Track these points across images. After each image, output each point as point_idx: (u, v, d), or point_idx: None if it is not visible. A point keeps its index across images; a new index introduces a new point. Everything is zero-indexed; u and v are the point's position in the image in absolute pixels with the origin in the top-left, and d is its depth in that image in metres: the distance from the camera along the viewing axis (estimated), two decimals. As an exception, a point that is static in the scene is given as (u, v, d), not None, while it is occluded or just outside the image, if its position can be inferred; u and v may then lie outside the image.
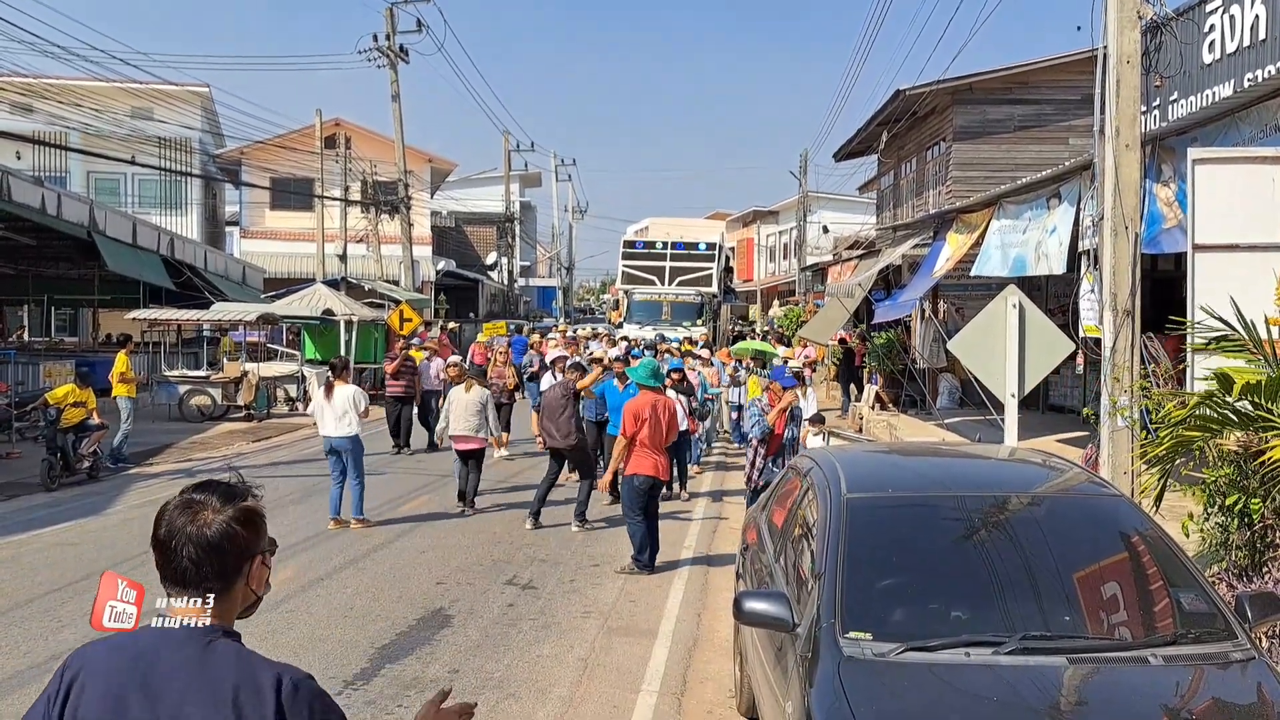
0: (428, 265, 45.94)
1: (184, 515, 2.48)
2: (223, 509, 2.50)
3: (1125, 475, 8.91)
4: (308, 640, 8.73)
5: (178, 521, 2.48)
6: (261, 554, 2.60)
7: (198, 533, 2.46)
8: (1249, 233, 8.91)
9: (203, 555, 2.46)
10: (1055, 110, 24.96)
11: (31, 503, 14.70)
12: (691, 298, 36.95)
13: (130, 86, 34.85)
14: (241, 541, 2.51)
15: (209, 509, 2.49)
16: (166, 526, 2.48)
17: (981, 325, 10.30)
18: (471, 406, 13.71)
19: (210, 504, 2.50)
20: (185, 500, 2.52)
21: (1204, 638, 4.82)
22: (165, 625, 2.47)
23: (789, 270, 56.45)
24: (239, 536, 2.50)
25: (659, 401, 11.50)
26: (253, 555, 2.56)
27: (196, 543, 2.45)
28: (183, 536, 2.46)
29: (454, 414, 13.76)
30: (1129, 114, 9.15)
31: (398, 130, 36.21)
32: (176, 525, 2.47)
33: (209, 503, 2.51)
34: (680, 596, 10.34)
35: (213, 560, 2.47)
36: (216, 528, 2.47)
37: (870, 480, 6.21)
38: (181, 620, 2.46)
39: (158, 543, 2.50)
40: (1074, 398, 20.42)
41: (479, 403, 13.75)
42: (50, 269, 31.43)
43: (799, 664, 4.84)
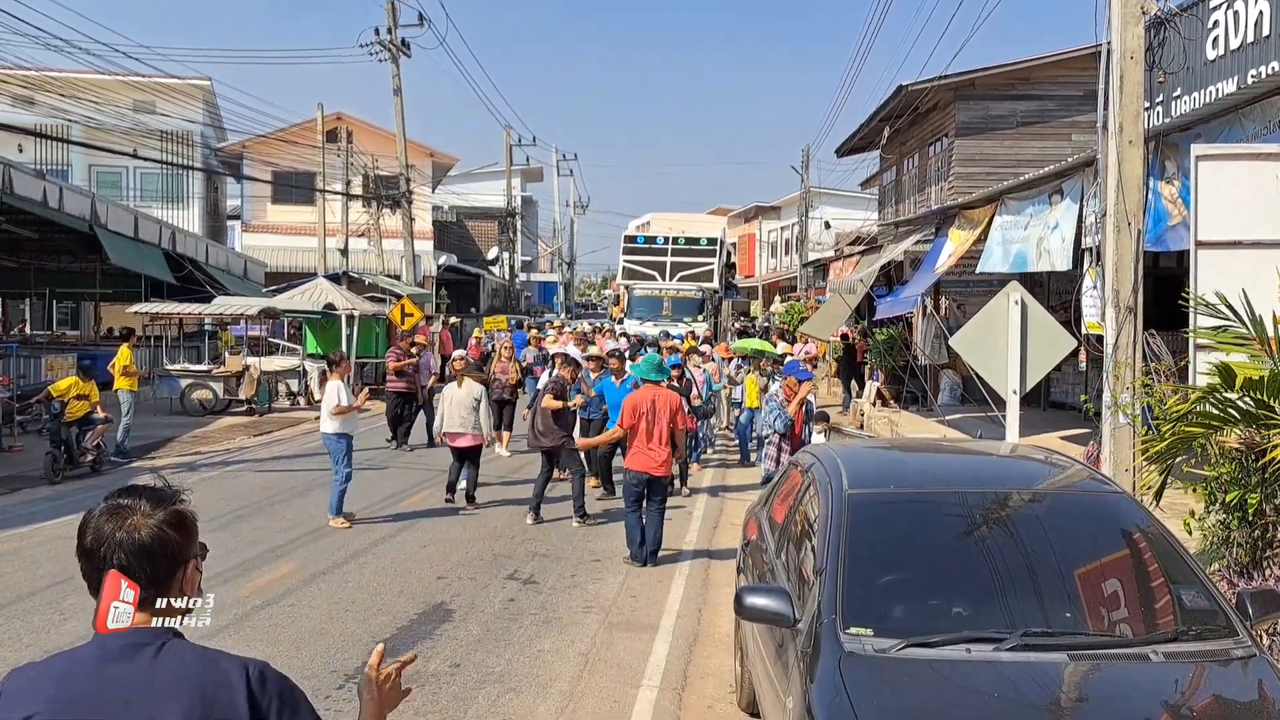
0: (429, 260, 45.95)
1: (112, 521, 2.36)
2: (153, 513, 2.39)
3: (1127, 472, 8.91)
4: (309, 634, 8.73)
5: (105, 528, 2.36)
6: (194, 559, 2.47)
7: (128, 538, 2.34)
8: (1252, 229, 8.89)
9: (134, 561, 2.34)
10: (1058, 106, 24.94)
11: (34, 495, 14.71)
12: (693, 293, 36.70)
13: (132, 80, 34.87)
14: (174, 546, 2.40)
15: (138, 513, 2.38)
16: (94, 534, 2.36)
17: (984, 322, 10.30)
18: (466, 403, 13.62)
19: (139, 508, 2.39)
20: (112, 506, 2.39)
21: (1205, 635, 4.82)
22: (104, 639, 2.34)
23: (790, 266, 56.47)
24: (171, 541, 2.39)
25: (659, 396, 11.46)
26: (186, 560, 2.44)
27: (127, 549, 2.34)
28: (112, 543, 2.34)
29: (448, 410, 13.73)
30: (1132, 110, 9.14)
31: (399, 124, 36.17)
32: (104, 532, 2.35)
33: (137, 507, 2.39)
34: (681, 592, 10.34)
35: (145, 566, 2.35)
36: (148, 532, 2.36)
37: (872, 476, 6.21)
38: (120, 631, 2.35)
39: (84, 552, 2.37)
40: (1075, 395, 20.40)
41: (474, 399, 13.64)
42: (52, 262, 31.47)
43: (800, 659, 4.83)
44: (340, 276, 33.81)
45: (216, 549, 11.43)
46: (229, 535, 12.19)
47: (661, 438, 11.26)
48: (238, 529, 12.59)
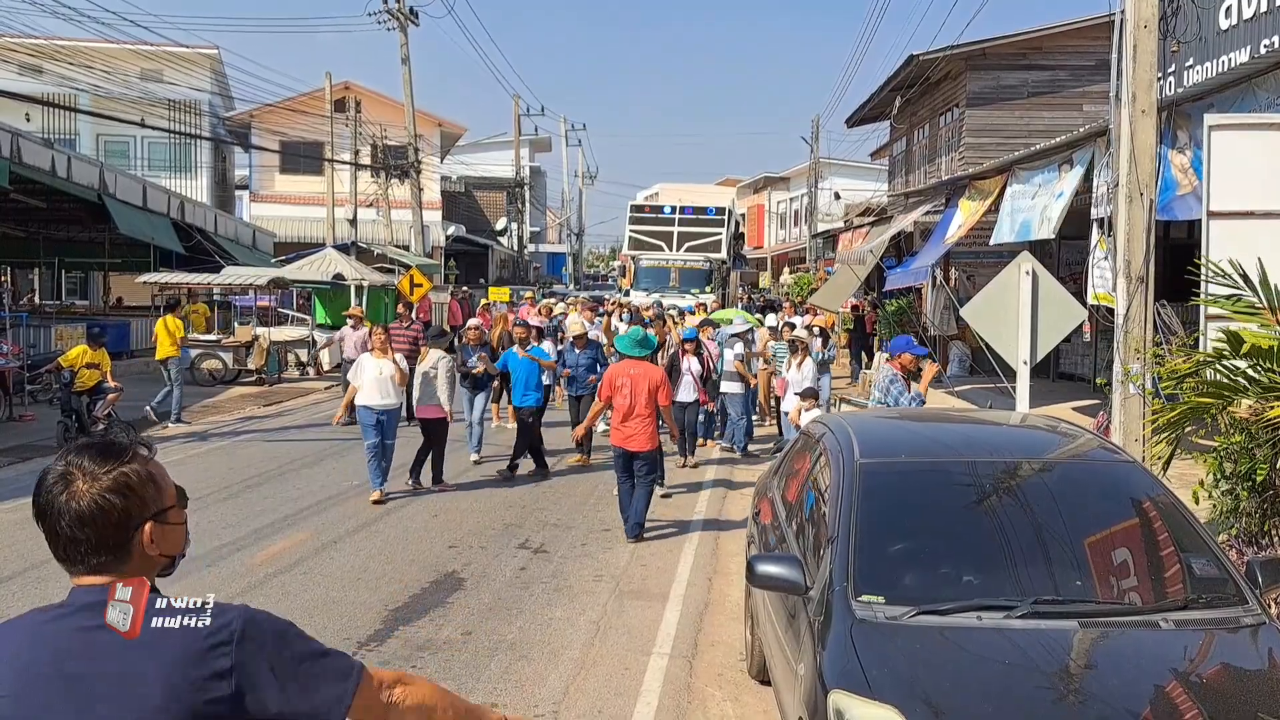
0: (437, 230, 45.88)
1: (59, 485, 2.26)
2: (96, 477, 2.26)
3: (1137, 442, 8.91)
4: (322, 602, 8.80)
5: (51, 492, 2.26)
6: (150, 520, 2.30)
7: (69, 506, 2.24)
8: (1265, 199, 8.87)
9: (77, 530, 2.24)
10: (1069, 76, 24.80)
11: (46, 464, 14.74)
12: (700, 264, 36.32)
13: (140, 48, 34.79)
14: (117, 514, 2.25)
15: (82, 478, 2.26)
16: (45, 497, 2.27)
17: (994, 292, 10.28)
18: (426, 374, 13.25)
19: (85, 471, 2.26)
20: (60, 471, 2.28)
21: (1215, 603, 4.85)
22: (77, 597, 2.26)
23: (800, 237, 56.34)
24: (114, 508, 2.25)
25: (639, 370, 11.19)
26: (138, 523, 2.28)
27: (69, 517, 2.24)
28: (54, 511, 2.25)
29: (417, 383, 13.47)
30: (1145, 79, 9.09)
31: (407, 94, 36.04)
32: (51, 496, 2.26)
33: (84, 469, 2.27)
34: (691, 561, 10.39)
35: (89, 534, 2.25)
36: (86, 501, 2.24)
37: (883, 446, 6.22)
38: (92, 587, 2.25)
39: (37, 515, 2.29)
40: (1084, 366, 20.41)
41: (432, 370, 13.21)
42: (60, 232, 31.49)
43: (811, 627, 4.87)
44: (349, 246, 33.79)
45: (228, 518, 11.61)
46: (240, 504, 12.26)
47: (639, 413, 11.01)
48: (249, 498, 12.66)
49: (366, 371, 12.65)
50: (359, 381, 12.71)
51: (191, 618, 2.20)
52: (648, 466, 11.17)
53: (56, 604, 2.29)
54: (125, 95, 35.01)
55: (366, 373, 12.64)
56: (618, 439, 11.16)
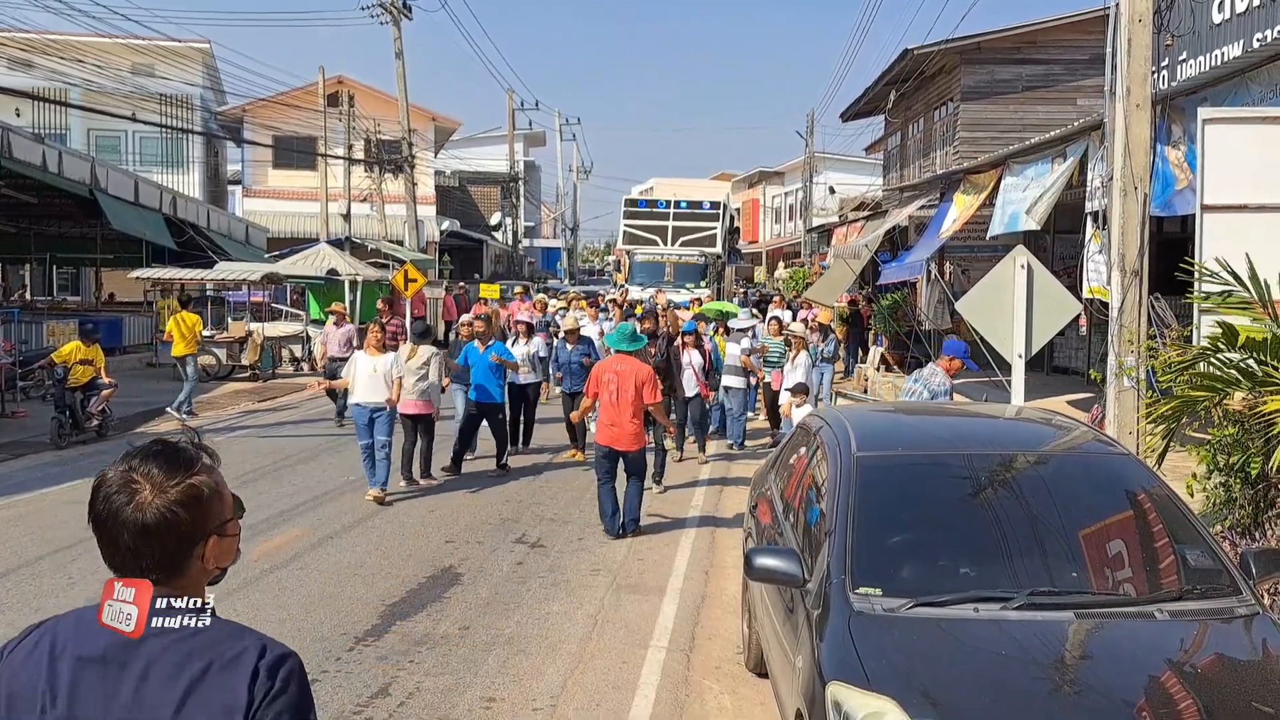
0: (432, 225, 45.84)
1: (122, 494, 2.15)
2: (164, 489, 2.16)
3: (1131, 435, 8.94)
4: (319, 597, 8.80)
5: (115, 501, 2.15)
6: (213, 534, 2.23)
7: (132, 517, 2.13)
8: (1259, 193, 8.89)
9: (140, 543, 2.14)
10: (1064, 70, 24.86)
11: (40, 461, 14.78)
12: (695, 258, 36.17)
13: (131, 43, 34.70)
14: (185, 527, 2.17)
15: (147, 487, 2.15)
16: (104, 505, 2.17)
17: (990, 286, 10.30)
18: (415, 371, 12.86)
19: (152, 480, 2.17)
20: (123, 474, 2.18)
21: (1209, 594, 4.88)
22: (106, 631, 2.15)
23: (795, 232, 56.37)
24: (182, 522, 2.16)
25: (626, 366, 11.00)
26: (201, 538, 2.21)
27: (132, 529, 2.13)
28: (118, 521, 2.15)
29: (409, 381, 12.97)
30: (1140, 73, 9.10)
31: (401, 88, 36.00)
32: (114, 506, 2.15)
33: (151, 478, 2.17)
34: (688, 555, 10.41)
35: (152, 548, 2.15)
36: (153, 513, 2.14)
37: (880, 438, 6.24)
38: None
39: (94, 523, 2.19)
40: (1078, 359, 20.45)
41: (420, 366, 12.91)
42: (52, 227, 31.43)
43: (809, 619, 4.89)
44: (343, 242, 33.76)
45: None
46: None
47: (626, 410, 10.84)
48: (244, 494, 12.34)
49: (360, 369, 12.38)
50: (352, 378, 12.49)
51: (192, 618, 2.15)
52: (635, 466, 11.06)
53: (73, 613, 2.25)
54: (117, 90, 34.94)
55: (360, 370, 12.37)
56: (604, 437, 11.00)
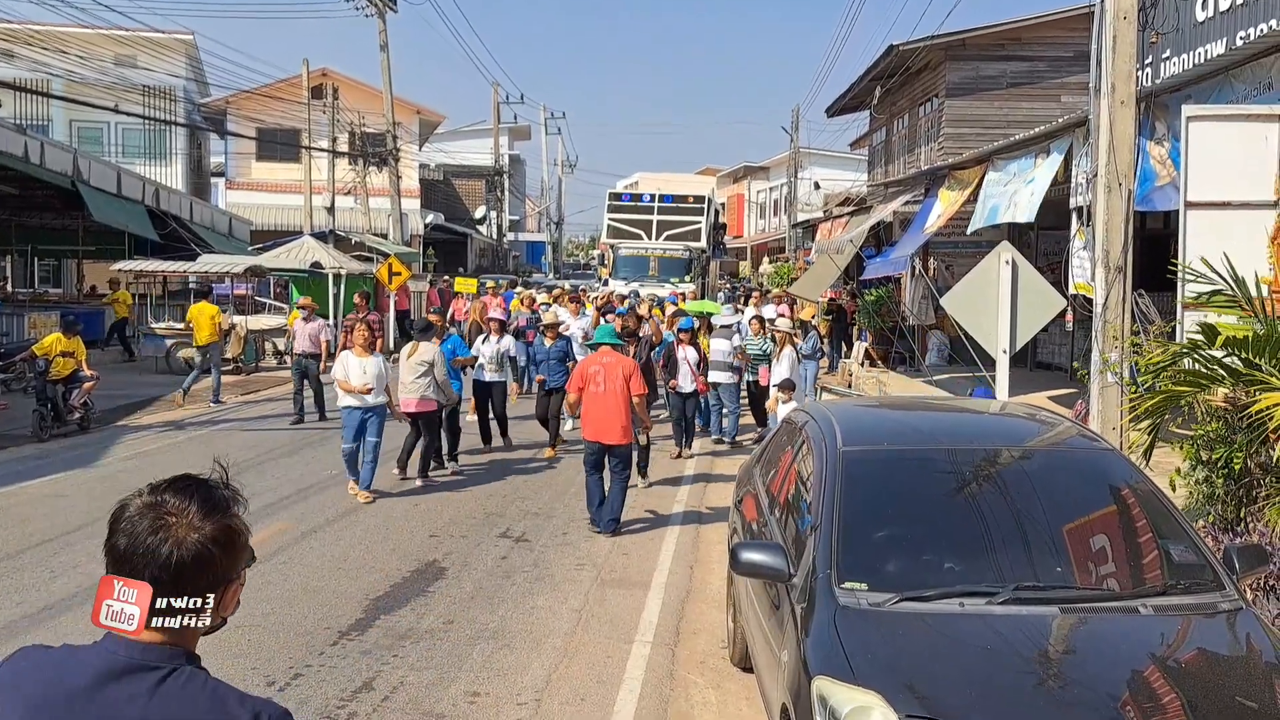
0: (416, 218, 45.72)
1: (152, 525, 2.01)
2: (200, 525, 2.03)
3: (1114, 430, 8.98)
4: (302, 591, 8.78)
5: (142, 534, 2.01)
6: (237, 579, 2.12)
7: (167, 554, 1.99)
8: (1241, 190, 8.93)
9: (168, 579, 1.99)
10: (1048, 67, 24.93)
11: (21, 454, 14.68)
12: (680, 253, 35.90)
13: (114, 33, 34.46)
14: (218, 568, 2.05)
15: (182, 523, 2.02)
16: (128, 537, 2.01)
17: (975, 281, 10.32)
18: (413, 368, 12.63)
19: (185, 515, 2.04)
20: (154, 504, 2.04)
21: (1193, 589, 4.90)
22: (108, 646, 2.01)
23: (779, 227, 56.40)
24: (216, 562, 2.04)
25: (611, 361, 11.01)
26: (228, 580, 2.09)
27: (164, 566, 1.99)
28: (146, 554, 1.99)
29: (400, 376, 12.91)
30: (1125, 70, 9.13)
31: (386, 81, 35.87)
32: (140, 536, 2.01)
33: (184, 514, 2.04)
34: (672, 550, 10.41)
35: (182, 588, 2.00)
36: (188, 550, 2.01)
37: (865, 434, 6.25)
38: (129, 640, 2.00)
39: (115, 553, 2.02)
40: (1062, 355, 20.54)
41: (422, 363, 12.63)
42: (33, 219, 31.19)
43: (794, 614, 4.90)
44: (327, 235, 33.63)
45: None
46: (219, 493, 12.19)
47: (614, 401, 10.83)
48: (228, 486, 12.57)
49: (350, 370, 12.00)
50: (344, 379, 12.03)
51: (191, 618, 2.02)
52: (622, 462, 11.01)
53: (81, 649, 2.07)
54: (99, 81, 34.70)
55: (350, 371, 11.98)
56: (590, 432, 10.95)
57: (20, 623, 7.84)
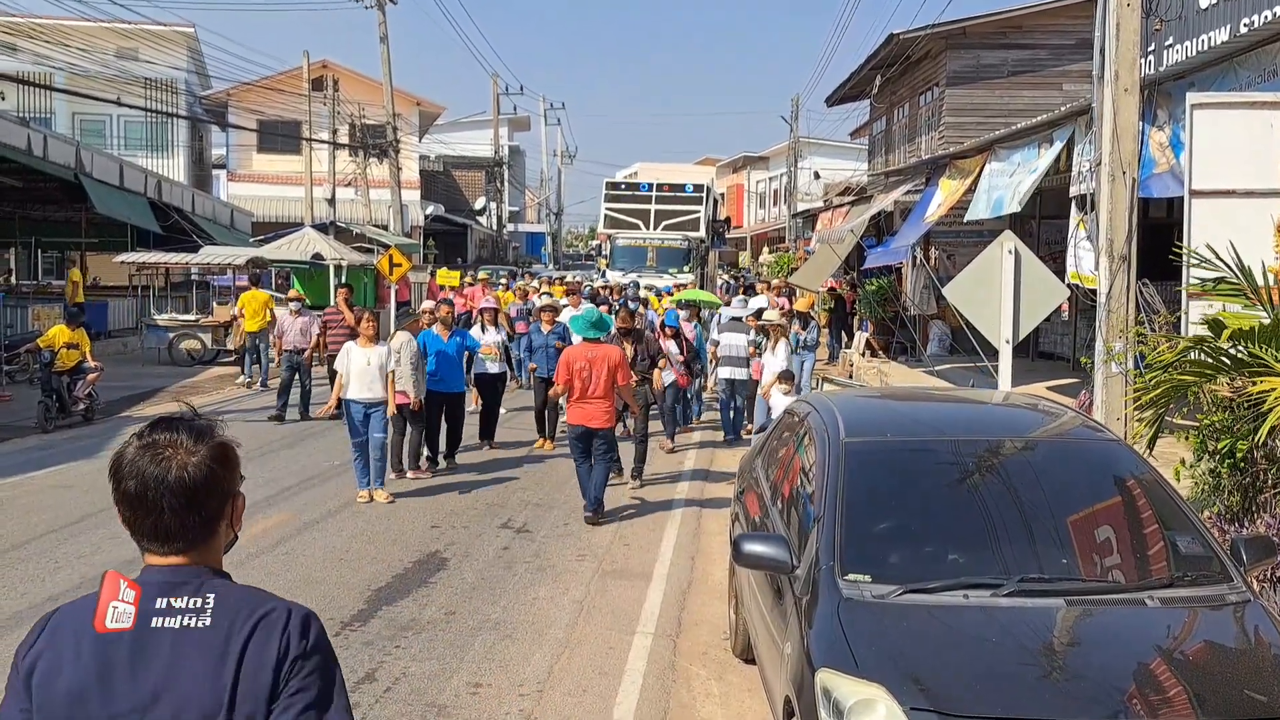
0: (416, 210, 45.70)
1: (154, 462, 2.19)
2: (196, 449, 2.22)
3: (1119, 421, 8.95)
4: (304, 582, 8.76)
5: (149, 470, 2.19)
6: (239, 491, 2.35)
7: (177, 479, 2.18)
8: (1246, 178, 8.88)
9: (185, 504, 2.19)
10: (1050, 55, 24.82)
11: (25, 445, 14.68)
12: (678, 243, 35.31)
13: (116, 26, 34.44)
14: (225, 483, 2.27)
15: (180, 451, 2.21)
16: (136, 478, 2.19)
17: (977, 271, 10.29)
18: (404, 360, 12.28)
19: (182, 444, 2.22)
20: (149, 444, 2.22)
21: (1200, 580, 4.87)
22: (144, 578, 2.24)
23: (779, 217, 56.32)
24: (220, 479, 2.25)
25: (598, 352, 11.04)
26: (233, 494, 2.31)
27: (177, 490, 2.18)
28: (160, 486, 2.18)
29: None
30: (1129, 58, 9.08)
31: (386, 73, 35.81)
32: (148, 474, 2.18)
33: (180, 443, 2.22)
34: (674, 541, 10.39)
35: (198, 509, 2.21)
36: (197, 469, 2.20)
37: (868, 425, 6.22)
38: (159, 568, 2.24)
39: (128, 497, 2.21)
40: (1064, 345, 20.50)
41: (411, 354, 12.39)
42: (37, 211, 31.18)
43: (798, 606, 4.87)
44: (328, 226, 33.63)
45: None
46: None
47: (599, 392, 10.89)
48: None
49: (354, 362, 11.57)
50: (345, 372, 11.65)
51: (191, 618, 2.18)
52: (606, 444, 11.06)
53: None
54: (101, 74, 34.67)
55: (354, 363, 11.56)
56: (576, 417, 11.03)
57: (26, 613, 7.83)
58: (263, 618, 2.22)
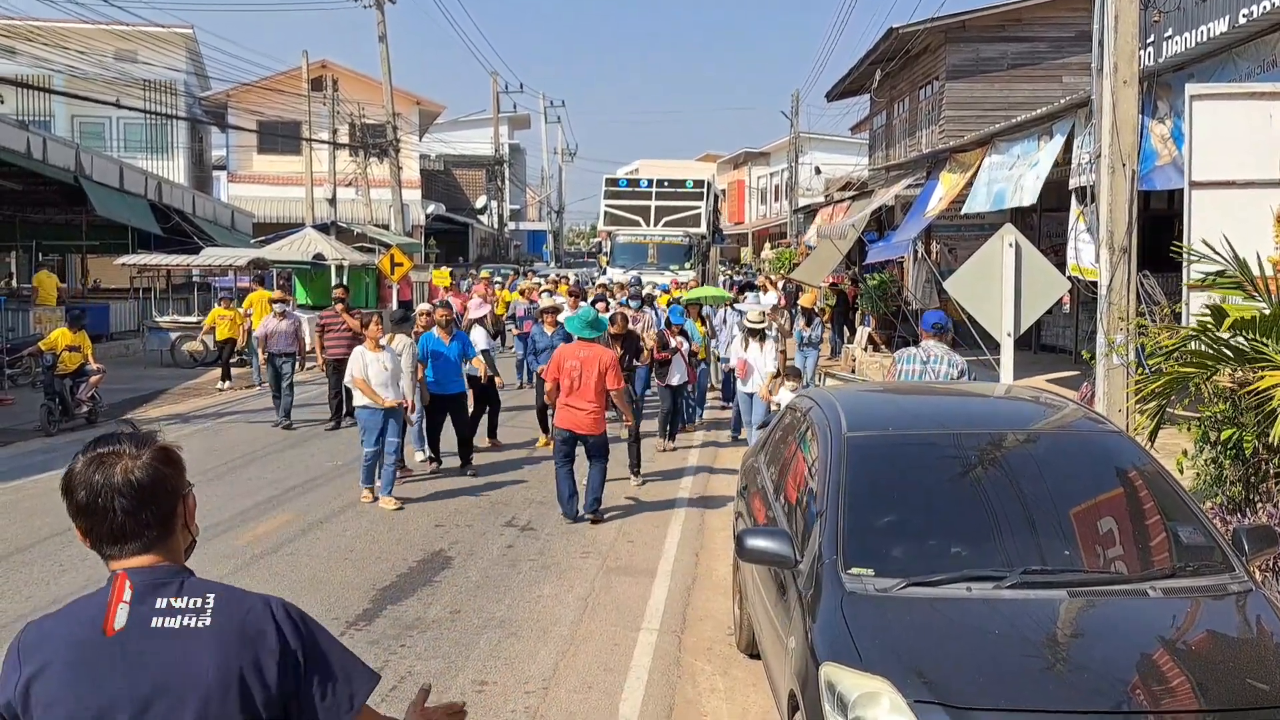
0: (417, 209, 45.71)
1: (101, 470, 2.30)
2: (138, 453, 2.33)
3: (1120, 413, 8.95)
4: (309, 582, 8.78)
5: (96, 479, 2.29)
6: (189, 491, 2.46)
7: (124, 481, 2.29)
8: (1246, 169, 8.89)
9: (136, 504, 2.30)
10: (1049, 48, 24.84)
11: (28, 448, 14.70)
12: (679, 239, 35.11)
13: (114, 28, 34.45)
14: (171, 482, 2.37)
15: (125, 457, 2.32)
16: (86, 489, 2.30)
17: (978, 264, 10.28)
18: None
19: (125, 452, 2.33)
20: (94, 457, 2.32)
21: (1202, 571, 4.88)
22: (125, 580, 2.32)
23: (780, 212, 56.32)
24: (168, 478, 2.36)
25: (590, 352, 10.78)
26: (182, 494, 2.42)
27: (125, 492, 2.29)
28: (108, 491, 2.29)
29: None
30: (1128, 50, 9.08)
31: (385, 72, 35.80)
32: (96, 483, 2.29)
33: (123, 451, 2.33)
34: (678, 537, 10.41)
35: (147, 507, 2.32)
36: (142, 472, 2.31)
37: (870, 419, 6.23)
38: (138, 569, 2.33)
39: (79, 508, 2.31)
40: (1066, 338, 20.50)
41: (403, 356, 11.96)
42: (37, 214, 31.20)
43: (801, 600, 4.89)
44: (329, 226, 33.64)
45: (213, 499, 11.53)
46: (225, 486, 12.22)
47: (588, 394, 10.62)
48: (233, 480, 12.61)
49: (370, 367, 11.34)
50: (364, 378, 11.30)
51: (191, 617, 2.28)
52: (598, 448, 10.86)
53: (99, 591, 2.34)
54: (100, 76, 34.68)
55: (370, 369, 11.32)
56: (566, 420, 10.74)
57: (29, 616, 7.76)
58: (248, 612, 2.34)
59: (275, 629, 2.34)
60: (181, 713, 2.23)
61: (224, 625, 2.29)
